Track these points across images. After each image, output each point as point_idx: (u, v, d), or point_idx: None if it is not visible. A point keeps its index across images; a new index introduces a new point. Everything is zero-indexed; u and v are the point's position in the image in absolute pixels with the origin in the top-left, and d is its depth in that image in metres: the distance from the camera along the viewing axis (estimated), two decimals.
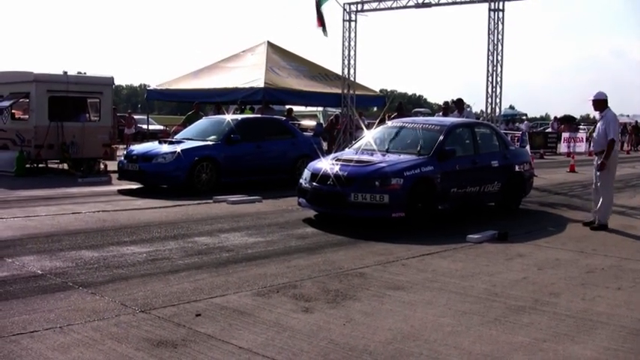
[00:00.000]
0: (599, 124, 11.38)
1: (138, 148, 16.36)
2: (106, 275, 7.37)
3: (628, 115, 59.53)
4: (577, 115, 66.16)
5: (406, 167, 10.92)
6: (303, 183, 11.55)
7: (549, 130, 42.32)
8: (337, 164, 11.18)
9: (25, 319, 5.78)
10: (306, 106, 30.63)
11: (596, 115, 11.75)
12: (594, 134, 11.68)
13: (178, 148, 14.92)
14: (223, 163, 15.22)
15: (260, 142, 16.20)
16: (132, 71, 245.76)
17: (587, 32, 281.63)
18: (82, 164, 18.69)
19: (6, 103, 18.57)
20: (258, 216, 11.79)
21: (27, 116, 18.97)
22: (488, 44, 18.41)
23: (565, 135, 37.25)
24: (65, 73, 19.08)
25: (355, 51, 22.60)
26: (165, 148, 15.17)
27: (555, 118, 46.64)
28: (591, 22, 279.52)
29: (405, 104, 31.25)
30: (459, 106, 18.07)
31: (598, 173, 11.39)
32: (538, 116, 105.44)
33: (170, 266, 7.87)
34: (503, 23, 18.28)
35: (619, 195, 15.99)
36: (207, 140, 15.71)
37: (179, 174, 14.61)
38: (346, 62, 22.65)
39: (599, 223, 11.31)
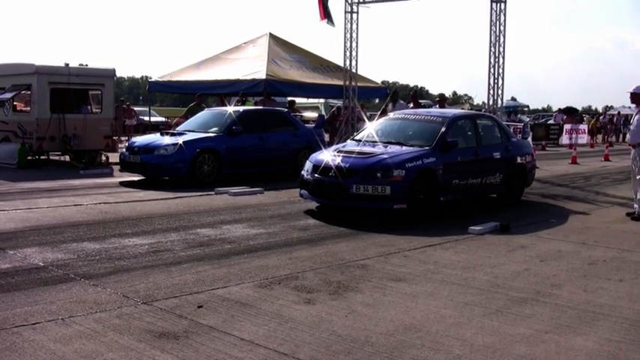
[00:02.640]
0: (637, 116, 11.45)
1: (140, 140, 16.36)
2: (107, 267, 7.38)
3: (629, 107, 59.27)
4: (579, 107, 65.97)
5: (408, 159, 10.91)
6: (305, 175, 11.54)
7: (551, 121, 42.28)
8: (339, 156, 11.17)
9: (27, 310, 5.79)
10: (308, 97, 30.57)
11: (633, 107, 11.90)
12: (631, 126, 11.70)
13: (180, 139, 14.92)
14: (225, 154, 15.23)
15: (262, 134, 16.21)
16: (134, 63, 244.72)
17: (589, 23, 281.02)
18: (83, 156, 18.70)
19: (8, 95, 18.55)
20: (259, 208, 11.79)
21: (29, 108, 18.97)
22: (490, 36, 18.37)
23: (567, 127, 37.20)
24: (67, 64, 19.05)
25: (357, 43, 22.57)
26: (167, 140, 15.16)
27: (559, 109, 46.52)
28: (593, 12, 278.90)
29: (418, 92, 31.02)
30: (393, 98, 17.76)
31: (637, 163, 11.42)
32: (540, 108, 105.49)
33: (172, 258, 7.88)
34: (505, 15, 18.25)
35: (621, 187, 16.02)
36: (209, 132, 15.71)
37: (181, 166, 14.63)
38: (348, 54, 22.60)
39: (638, 212, 11.43)
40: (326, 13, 21.73)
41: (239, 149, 15.56)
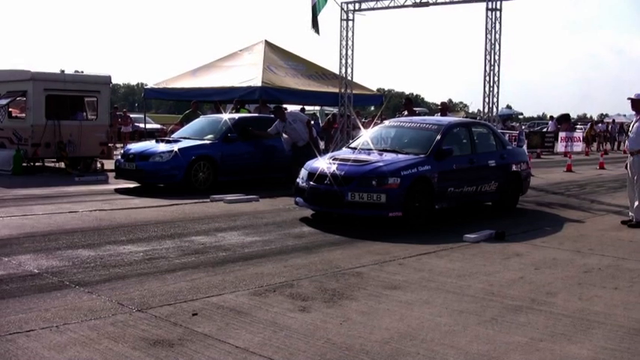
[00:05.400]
0: (637, 124, 11.50)
1: (135, 146, 16.35)
2: (102, 274, 7.37)
3: (625, 115, 59.50)
4: (574, 115, 66.11)
5: (403, 166, 10.92)
6: (300, 182, 11.54)
7: (546, 129, 42.41)
8: (334, 163, 11.18)
9: (22, 318, 5.77)
10: (304, 105, 30.52)
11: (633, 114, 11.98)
12: (631, 134, 11.72)
13: (176, 146, 14.92)
14: (221, 161, 15.23)
15: (257, 141, 16.20)
16: (129, 70, 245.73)
17: (586, 29, 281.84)
18: (79, 163, 18.69)
19: (3, 102, 18.53)
20: (255, 215, 11.78)
21: (24, 115, 18.91)
22: (486, 44, 18.41)
23: (562, 134, 37.30)
24: (62, 71, 19.05)
25: (353, 50, 22.59)
26: (163, 146, 15.16)
27: (551, 117, 46.68)
28: (591, 19, 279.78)
29: (413, 98, 30.86)
30: (278, 113, 16.42)
31: (634, 171, 11.50)
32: (535, 115, 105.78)
33: (167, 265, 7.87)
34: (500, 23, 18.29)
35: (616, 195, 16.04)
36: (204, 139, 15.71)
37: (176, 173, 14.62)
38: (344, 61, 22.63)
39: (636, 220, 11.48)
40: (314, 21, 21.73)
41: (235, 156, 15.57)
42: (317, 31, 21.82)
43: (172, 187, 14.72)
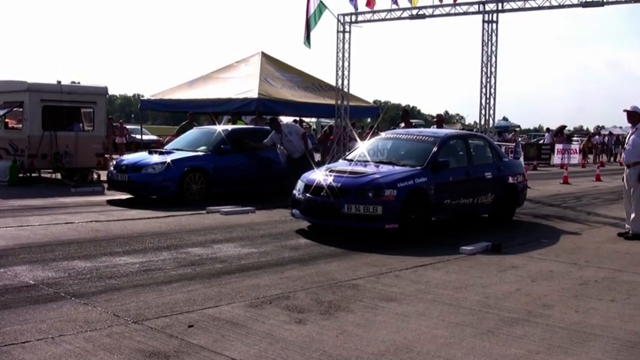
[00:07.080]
0: (633, 136, 11.51)
1: (128, 158, 16.33)
2: (98, 286, 7.35)
3: (621, 127, 59.71)
4: (570, 127, 66.34)
5: (400, 178, 10.93)
6: (297, 194, 11.54)
7: (542, 141, 42.54)
8: (331, 175, 11.18)
9: (17, 329, 5.75)
10: (300, 116, 30.57)
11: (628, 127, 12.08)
12: (627, 146, 11.72)
13: (168, 158, 14.89)
14: (213, 173, 15.19)
15: (252, 153, 16.18)
16: (126, 81, 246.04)
17: (583, 43, 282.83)
18: (75, 174, 18.66)
19: (0, 112, 18.52)
20: (251, 227, 11.77)
21: (20, 125, 18.93)
22: (482, 55, 18.47)
23: (559, 146, 37.40)
24: (59, 82, 19.06)
25: (349, 62, 22.62)
26: (156, 158, 15.13)
27: (547, 129, 46.81)
28: (588, 33, 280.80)
29: (409, 110, 30.96)
30: (273, 125, 16.18)
31: (630, 183, 11.51)
32: (532, 127, 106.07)
33: (163, 277, 7.85)
34: (496, 35, 18.36)
35: (612, 207, 16.06)
36: (197, 151, 15.70)
37: (169, 184, 14.58)
38: (340, 73, 22.65)
39: (633, 232, 11.49)
40: (306, 34, 21.77)
41: (228, 168, 15.52)
42: (309, 45, 21.88)
43: (165, 198, 14.69)
